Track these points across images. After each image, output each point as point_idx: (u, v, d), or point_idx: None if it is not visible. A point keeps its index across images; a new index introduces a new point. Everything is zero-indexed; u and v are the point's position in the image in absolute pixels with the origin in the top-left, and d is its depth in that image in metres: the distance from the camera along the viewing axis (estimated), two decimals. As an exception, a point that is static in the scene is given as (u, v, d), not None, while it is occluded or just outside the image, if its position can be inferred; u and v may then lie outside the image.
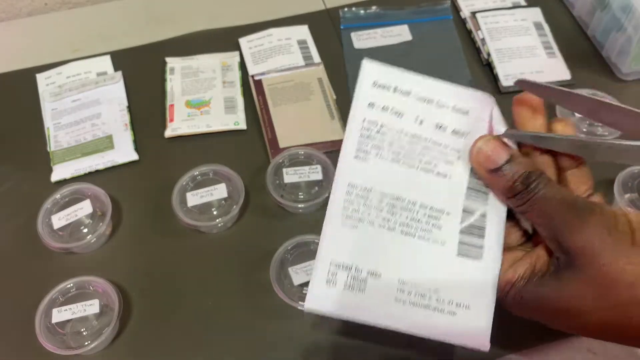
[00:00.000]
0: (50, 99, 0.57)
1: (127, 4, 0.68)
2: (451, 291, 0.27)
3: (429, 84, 0.29)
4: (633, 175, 0.47)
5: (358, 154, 0.28)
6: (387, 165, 0.27)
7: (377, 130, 0.28)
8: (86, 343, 0.40)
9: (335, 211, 0.28)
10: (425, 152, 0.28)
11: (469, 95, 0.29)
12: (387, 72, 0.28)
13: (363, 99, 0.28)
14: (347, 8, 0.64)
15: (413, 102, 0.28)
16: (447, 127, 0.28)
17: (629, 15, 0.54)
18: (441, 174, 0.28)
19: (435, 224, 0.27)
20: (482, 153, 0.27)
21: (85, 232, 0.47)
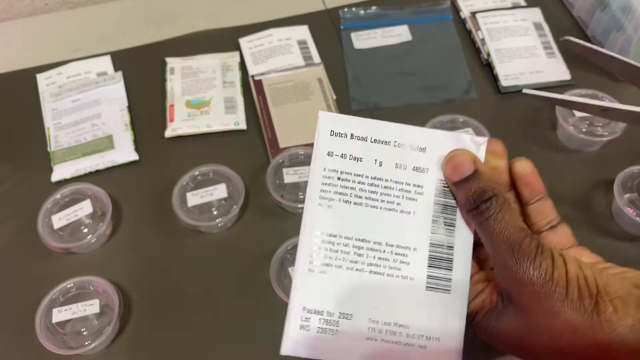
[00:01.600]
0: (50, 99, 0.57)
1: (128, 4, 0.68)
2: (421, 325, 0.28)
3: (383, 128, 0.29)
4: (633, 176, 0.47)
5: (321, 202, 0.28)
6: (351, 209, 0.28)
7: (338, 177, 0.29)
8: (86, 343, 0.41)
9: (303, 259, 0.28)
10: (387, 191, 0.29)
11: (423, 134, 0.29)
12: (342, 120, 0.29)
13: (322, 149, 0.29)
14: (347, 8, 0.65)
15: (370, 146, 0.29)
16: (407, 165, 0.29)
17: (628, 15, 0.54)
18: (405, 211, 0.28)
19: (403, 261, 0.28)
20: (450, 164, 0.28)
21: (85, 232, 0.47)
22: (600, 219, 0.48)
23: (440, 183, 0.29)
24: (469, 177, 0.27)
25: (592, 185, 0.50)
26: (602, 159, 0.51)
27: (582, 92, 0.53)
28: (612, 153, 0.52)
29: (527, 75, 0.57)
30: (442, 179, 0.29)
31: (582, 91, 0.53)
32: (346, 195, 0.28)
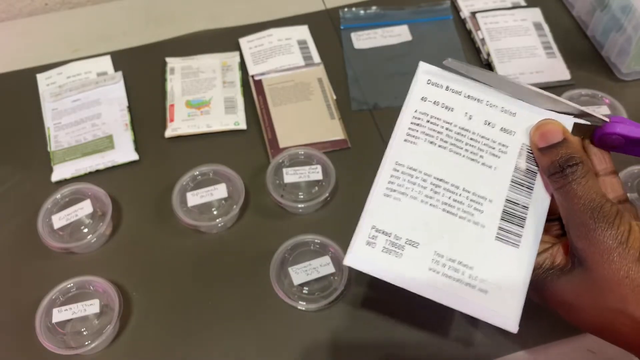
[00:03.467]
0: (50, 99, 0.57)
1: (128, 4, 0.68)
2: (485, 270, 0.28)
3: (479, 88, 0.31)
4: (632, 175, 0.47)
5: (407, 138, 0.30)
6: (434, 150, 0.30)
7: (428, 120, 0.30)
8: (86, 343, 0.41)
9: (381, 183, 0.30)
10: (473, 143, 0.30)
11: (515, 103, 0.31)
12: (441, 73, 0.31)
13: (416, 94, 0.31)
14: (347, 8, 0.65)
15: (463, 100, 0.30)
16: (496, 125, 0.30)
17: (628, 15, 0.54)
18: (486, 165, 0.30)
19: (477, 208, 0.29)
20: (539, 130, 0.29)
21: (85, 232, 0.47)
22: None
23: (524, 147, 0.30)
24: (557, 143, 0.28)
25: (592, 185, 0.50)
26: (602, 159, 0.51)
27: (582, 92, 0.53)
28: (613, 153, 0.51)
29: (527, 75, 0.57)
30: (527, 144, 0.30)
31: (581, 91, 0.53)
32: (432, 137, 0.30)
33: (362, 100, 0.57)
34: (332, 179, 0.48)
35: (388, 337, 0.42)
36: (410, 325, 0.42)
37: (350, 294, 0.44)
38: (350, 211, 0.49)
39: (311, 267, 0.43)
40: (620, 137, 0.30)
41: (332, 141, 0.53)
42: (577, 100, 0.53)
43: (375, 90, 0.58)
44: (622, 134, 0.30)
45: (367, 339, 0.42)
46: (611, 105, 0.52)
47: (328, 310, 0.43)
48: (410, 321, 0.42)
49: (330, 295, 0.42)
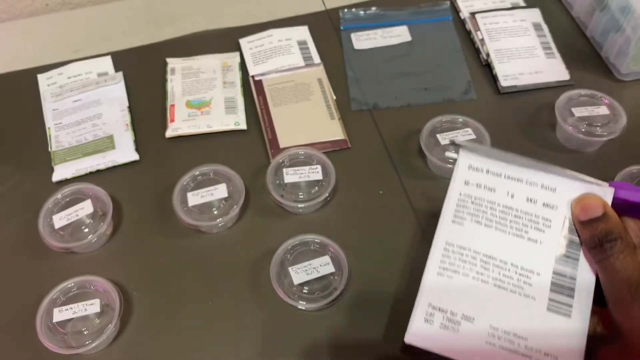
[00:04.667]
0: (51, 99, 0.57)
1: (128, 5, 0.68)
2: (540, 341, 0.30)
3: (518, 170, 0.32)
4: (632, 175, 0.47)
5: (455, 219, 0.32)
6: (481, 229, 0.32)
7: (472, 201, 0.32)
8: (87, 342, 0.41)
9: (434, 263, 0.32)
10: (517, 219, 0.32)
11: (554, 179, 0.32)
12: (481, 159, 0.33)
13: (460, 178, 0.33)
14: (347, 9, 0.65)
15: (504, 180, 0.32)
16: (538, 200, 0.32)
17: (627, 16, 0.54)
18: (532, 240, 0.31)
19: (527, 282, 0.31)
20: (580, 204, 0.31)
21: (86, 231, 0.47)
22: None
23: (567, 221, 0.31)
24: (598, 218, 0.30)
25: (591, 185, 0.50)
26: (601, 159, 0.52)
27: (581, 93, 0.53)
28: (611, 153, 0.52)
29: (527, 76, 0.58)
30: (569, 217, 0.31)
31: (581, 91, 0.53)
32: (478, 216, 0.32)
33: (362, 101, 0.57)
34: (332, 179, 0.48)
35: (388, 336, 0.42)
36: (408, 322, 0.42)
37: (350, 293, 0.44)
38: (350, 211, 0.49)
39: (311, 267, 0.43)
40: (622, 201, 0.31)
41: (332, 141, 0.53)
42: (577, 101, 0.53)
43: (375, 90, 0.58)
44: (623, 198, 0.31)
45: (367, 338, 0.42)
46: (610, 105, 0.52)
47: (328, 310, 0.43)
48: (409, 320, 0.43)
49: (330, 294, 0.42)
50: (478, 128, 0.51)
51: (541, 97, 0.56)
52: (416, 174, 0.51)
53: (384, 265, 0.46)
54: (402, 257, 0.46)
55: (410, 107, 0.56)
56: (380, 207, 0.49)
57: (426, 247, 0.46)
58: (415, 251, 0.46)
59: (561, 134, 0.53)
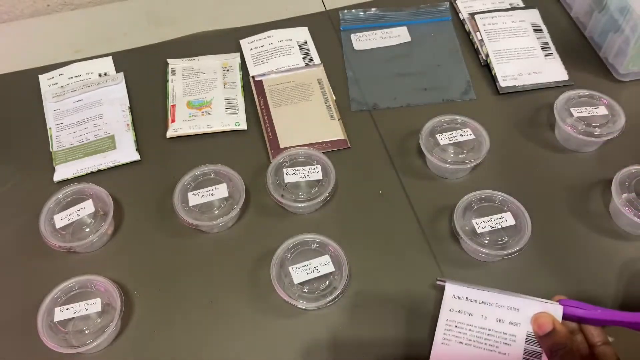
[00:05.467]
0: (52, 99, 0.57)
1: (129, 6, 0.68)
2: None
3: (489, 295, 0.41)
4: (630, 175, 0.48)
5: (443, 341, 0.40)
6: (463, 348, 0.40)
7: (455, 326, 0.41)
8: (88, 342, 0.41)
9: None
10: (489, 337, 0.40)
11: (517, 300, 0.40)
12: (461, 289, 0.41)
13: (447, 306, 0.41)
14: (346, 10, 0.65)
15: (479, 305, 0.41)
16: (505, 320, 0.40)
17: (626, 16, 0.55)
18: (502, 353, 0.39)
19: None
20: (536, 322, 0.39)
21: (87, 231, 0.47)
22: (598, 218, 0.48)
23: (529, 334, 0.39)
24: (549, 332, 0.38)
25: (590, 185, 0.50)
26: (600, 159, 0.52)
27: (580, 93, 0.53)
28: (610, 153, 0.52)
29: (526, 76, 0.58)
30: (530, 331, 0.39)
31: (580, 92, 0.54)
32: (460, 338, 0.40)
33: (361, 101, 0.57)
34: (332, 179, 0.48)
35: (388, 335, 0.42)
36: (409, 324, 0.43)
37: (349, 292, 0.44)
38: (350, 211, 0.49)
39: (311, 266, 0.44)
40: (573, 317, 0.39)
41: (332, 141, 0.53)
42: (576, 101, 0.53)
43: (375, 91, 0.58)
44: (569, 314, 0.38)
45: (366, 337, 0.42)
46: (609, 105, 0.52)
47: (328, 309, 0.43)
48: (409, 319, 0.43)
49: (330, 294, 0.42)
50: (477, 128, 0.51)
51: (540, 97, 0.57)
52: (416, 173, 0.51)
53: (384, 265, 0.46)
54: (402, 257, 0.46)
55: (409, 107, 0.57)
56: (380, 207, 0.49)
57: (425, 246, 0.47)
58: (414, 250, 0.46)
59: (560, 134, 0.53)
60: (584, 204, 0.49)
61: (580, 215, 0.48)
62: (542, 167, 0.52)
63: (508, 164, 0.52)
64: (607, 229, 0.47)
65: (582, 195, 0.49)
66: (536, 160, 0.52)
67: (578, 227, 0.48)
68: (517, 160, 0.52)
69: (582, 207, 0.49)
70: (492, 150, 0.50)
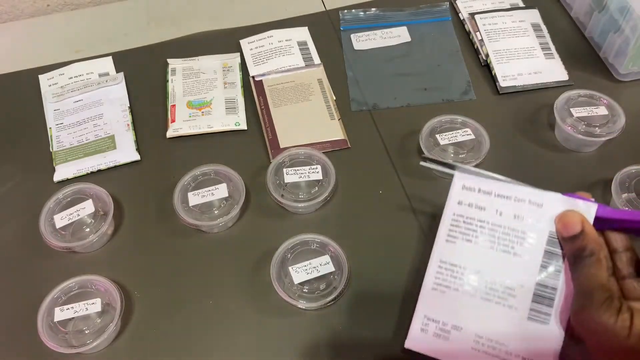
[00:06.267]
0: (52, 99, 0.57)
1: (129, 6, 0.68)
2: (519, 347, 0.33)
3: (508, 187, 0.35)
4: (630, 175, 0.48)
5: (448, 239, 0.35)
6: (471, 247, 0.35)
7: (464, 221, 0.35)
8: (88, 342, 0.41)
9: (429, 279, 0.36)
10: (504, 236, 0.34)
11: (540, 194, 0.34)
12: (473, 179, 0.36)
13: (454, 198, 0.36)
14: (346, 10, 0.65)
15: (494, 198, 0.35)
16: (524, 217, 0.34)
17: (626, 16, 0.55)
18: (518, 255, 0.34)
19: (511, 294, 0.34)
20: (562, 221, 0.33)
21: (87, 231, 0.47)
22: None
23: (551, 235, 0.34)
24: (577, 235, 0.32)
25: (590, 185, 0.50)
26: (600, 159, 0.52)
27: (580, 93, 0.54)
28: (610, 153, 0.52)
29: (526, 76, 0.58)
30: (553, 232, 0.34)
31: (580, 92, 0.54)
32: (468, 235, 0.35)
33: (361, 101, 0.57)
34: (332, 179, 0.48)
35: (388, 335, 0.42)
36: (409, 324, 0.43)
37: (349, 292, 0.44)
38: (350, 211, 0.49)
39: (311, 266, 0.44)
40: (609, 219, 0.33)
41: (332, 141, 0.53)
42: (576, 101, 0.53)
43: (375, 91, 0.58)
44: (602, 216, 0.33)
45: (367, 337, 0.42)
46: (609, 105, 0.52)
47: (328, 309, 0.43)
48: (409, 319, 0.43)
49: (330, 294, 0.43)
50: (477, 128, 0.51)
51: (540, 97, 0.57)
52: (416, 173, 0.51)
53: (384, 265, 0.46)
54: (402, 256, 0.46)
55: (409, 107, 0.57)
56: (380, 206, 0.49)
57: (425, 246, 0.47)
58: (414, 250, 0.46)
59: (560, 134, 0.53)
60: (584, 204, 0.49)
61: (580, 215, 0.48)
62: (542, 167, 0.52)
63: (508, 164, 0.52)
64: (607, 229, 0.47)
65: (582, 195, 0.49)
66: (536, 160, 0.52)
67: (578, 227, 0.47)
68: (517, 160, 0.52)
69: (582, 207, 0.49)
70: (492, 150, 0.50)
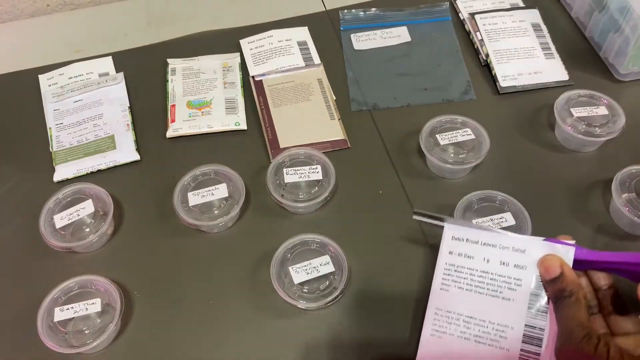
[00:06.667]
0: (52, 99, 0.57)
1: (129, 5, 0.68)
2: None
3: (492, 236, 0.37)
4: (630, 175, 0.48)
5: (442, 287, 0.38)
6: (463, 294, 0.37)
7: (455, 270, 0.38)
8: (88, 342, 0.41)
9: (427, 325, 0.38)
10: (492, 282, 0.37)
11: (523, 240, 0.37)
12: (461, 230, 0.38)
13: (446, 249, 0.38)
14: (346, 10, 0.65)
15: (480, 247, 0.37)
16: (509, 263, 0.37)
17: (626, 16, 0.55)
18: (506, 298, 0.36)
19: (502, 335, 0.36)
20: (543, 265, 0.36)
21: (87, 231, 0.47)
22: (599, 218, 0.48)
23: (536, 278, 0.36)
24: (557, 277, 0.35)
25: (590, 185, 0.50)
26: (600, 159, 0.52)
27: (580, 93, 0.53)
28: (610, 153, 0.52)
29: (526, 76, 0.58)
30: (537, 276, 0.36)
31: (580, 92, 0.54)
32: (460, 283, 0.37)
33: (361, 101, 0.57)
34: (332, 179, 0.48)
35: (388, 335, 0.42)
36: (409, 324, 0.43)
37: (349, 292, 0.44)
38: (350, 211, 0.49)
39: (311, 266, 0.44)
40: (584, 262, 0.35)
41: (332, 141, 0.53)
42: (576, 101, 0.53)
43: (375, 91, 0.58)
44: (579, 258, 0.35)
45: (367, 337, 0.42)
46: (609, 105, 0.52)
47: (328, 309, 0.43)
48: (409, 319, 0.43)
49: (330, 294, 0.42)
50: (477, 128, 0.51)
51: (540, 97, 0.57)
52: (416, 173, 0.51)
53: (384, 265, 0.46)
54: (402, 256, 0.46)
55: (409, 107, 0.57)
56: (380, 207, 0.49)
57: (425, 246, 0.47)
58: (414, 250, 0.46)
59: (560, 134, 0.53)
60: (584, 204, 0.49)
61: (580, 215, 0.48)
62: (542, 167, 0.52)
63: (508, 164, 0.52)
64: (607, 229, 0.47)
65: (582, 195, 0.49)
66: (536, 160, 0.52)
67: (578, 227, 0.47)
68: (517, 160, 0.52)
69: (582, 207, 0.49)
70: (492, 150, 0.50)
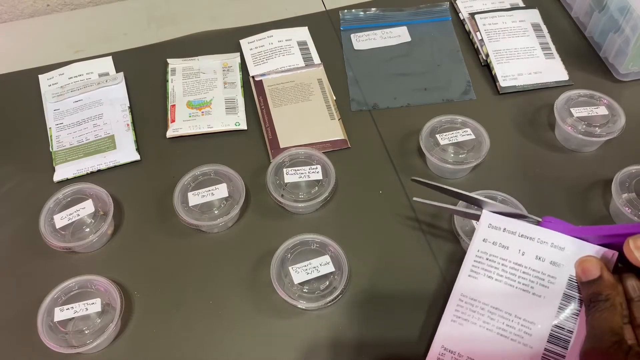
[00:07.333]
0: (52, 99, 0.57)
1: (129, 5, 0.68)
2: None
3: (533, 229, 0.36)
4: (630, 175, 0.48)
5: (471, 274, 0.37)
6: (492, 283, 0.36)
7: (487, 258, 0.37)
8: (88, 342, 0.41)
9: (449, 311, 0.37)
10: (525, 276, 0.36)
11: (564, 238, 0.36)
12: (500, 219, 0.37)
13: (480, 236, 0.37)
14: (346, 10, 0.65)
15: (517, 238, 0.36)
16: (546, 259, 0.35)
17: (626, 16, 0.55)
18: (536, 295, 0.35)
19: (527, 332, 0.35)
20: (581, 266, 0.35)
21: (87, 231, 0.47)
22: (598, 218, 0.48)
23: (571, 278, 0.35)
24: (594, 280, 0.34)
25: (590, 185, 0.50)
26: (600, 159, 0.52)
27: (580, 93, 0.53)
28: (610, 153, 0.52)
29: (526, 76, 0.58)
30: (574, 275, 0.35)
31: (580, 92, 0.54)
32: (490, 272, 0.36)
33: (361, 101, 0.57)
34: (332, 179, 0.48)
35: (388, 335, 0.42)
36: (409, 324, 0.43)
37: (350, 292, 0.44)
38: (350, 211, 0.49)
39: (311, 266, 0.44)
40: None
41: (332, 141, 0.53)
42: (576, 101, 0.53)
43: (375, 91, 0.58)
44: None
45: (367, 337, 0.42)
46: (609, 105, 0.52)
47: (328, 309, 0.43)
48: (409, 319, 0.43)
49: (330, 294, 0.42)
50: (477, 128, 0.51)
51: (540, 97, 0.57)
52: (416, 173, 0.51)
53: (384, 265, 0.46)
54: (402, 256, 0.46)
55: (409, 107, 0.57)
56: (380, 206, 0.49)
57: (425, 246, 0.47)
58: (414, 250, 0.46)
59: (560, 134, 0.53)
60: (584, 204, 0.49)
61: (580, 215, 0.48)
62: (542, 167, 0.52)
63: (508, 164, 0.52)
64: (607, 229, 0.47)
65: (582, 195, 0.49)
66: (536, 160, 0.52)
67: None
68: (517, 160, 0.52)
69: (582, 207, 0.49)
70: (492, 150, 0.50)
